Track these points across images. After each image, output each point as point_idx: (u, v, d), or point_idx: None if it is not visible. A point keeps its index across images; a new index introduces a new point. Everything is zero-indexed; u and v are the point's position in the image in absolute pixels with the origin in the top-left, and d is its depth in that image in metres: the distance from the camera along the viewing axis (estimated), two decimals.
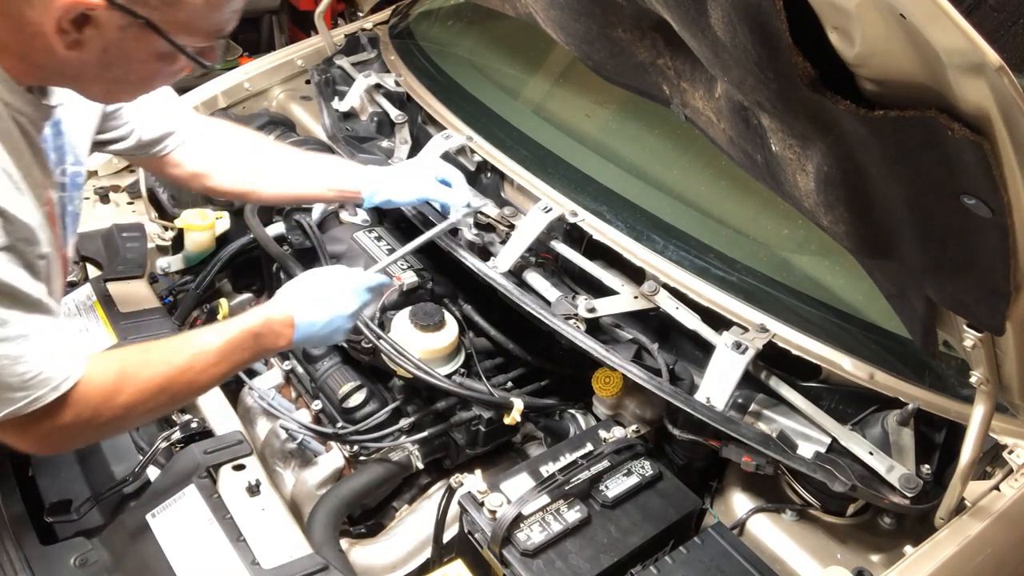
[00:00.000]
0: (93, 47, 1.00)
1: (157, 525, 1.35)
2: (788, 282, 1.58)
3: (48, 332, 1.08)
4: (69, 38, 0.98)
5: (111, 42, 1.00)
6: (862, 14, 0.79)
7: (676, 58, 1.36)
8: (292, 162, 1.65)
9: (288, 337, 1.36)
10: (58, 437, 1.13)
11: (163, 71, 1.10)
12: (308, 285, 1.41)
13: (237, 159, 1.61)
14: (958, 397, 1.35)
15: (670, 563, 1.26)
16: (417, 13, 2.53)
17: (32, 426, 1.08)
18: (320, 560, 1.31)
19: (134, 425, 1.23)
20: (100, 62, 1.03)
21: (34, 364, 1.05)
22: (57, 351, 1.09)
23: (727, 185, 1.80)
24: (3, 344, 1.02)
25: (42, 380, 1.06)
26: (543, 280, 1.63)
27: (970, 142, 0.80)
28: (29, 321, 1.05)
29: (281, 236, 1.95)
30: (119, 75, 1.07)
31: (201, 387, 1.27)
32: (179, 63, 1.09)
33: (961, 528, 1.25)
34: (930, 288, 1.09)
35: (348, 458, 1.67)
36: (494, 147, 1.93)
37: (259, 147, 1.65)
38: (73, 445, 1.18)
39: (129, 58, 1.04)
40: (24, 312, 1.04)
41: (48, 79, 1.08)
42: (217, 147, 1.60)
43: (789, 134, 1.11)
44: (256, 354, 1.34)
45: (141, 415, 1.21)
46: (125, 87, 1.12)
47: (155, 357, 1.21)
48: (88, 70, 1.04)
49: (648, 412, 1.60)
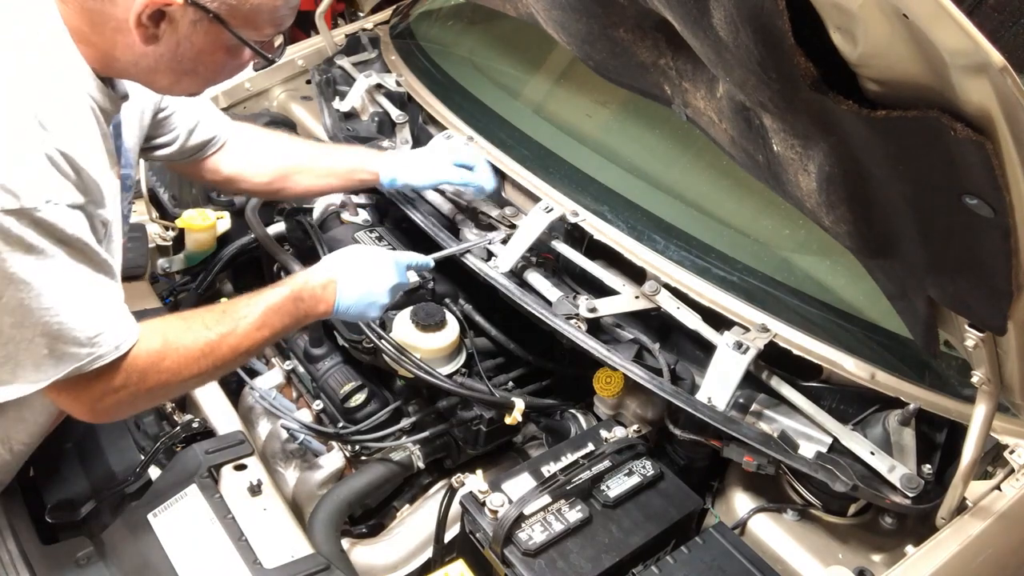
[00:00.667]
0: (168, 41, 1.10)
1: (158, 525, 1.35)
2: (789, 282, 1.58)
3: (113, 293, 1.13)
4: (147, 32, 1.07)
5: (184, 36, 1.10)
6: (865, 14, 0.79)
7: (678, 58, 1.36)
8: (316, 157, 1.72)
9: (328, 303, 1.38)
10: (111, 402, 1.15)
11: (228, 64, 1.19)
12: (350, 255, 1.45)
13: (268, 160, 1.68)
14: (959, 397, 1.35)
15: (671, 563, 1.27)
16: (418, 13, 2.53)
17: (88, 389, 1.12)
18: (321, 560, 1.32)
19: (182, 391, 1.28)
20: (173, 55, 1.12)
21: (100, 322, 1.08)
22: (120, 312, 1.13)
23: (728, 185, 1.80)
24: (74, 298, 1.05)
25: (106, 339, 1.09)
26: (544, 280, 1.63)
27: (972, 142, 0.80)
28: (97, 279, 1.09)
29: (282, 236, 1.95)
30: (188, 68, 1.15)
31: (244, 352, 1.28)
32: (243, 57, 1.19)
33: (962, 528, 1.25)
34: (932, 288, 1.09)
35: (349, 458, 1.67)
36: (495, 147, 1.93)
37: (285, 146, 1.72)
38: (124, 412, 1.21)
39: (199, 51, 1.13)
40: (94, 270, 1.08)
41: (123, 71, 1.16)
42: (249, 150, 1.67)
43: (791, 134, 1.11)
44: (296, 319, 1.35)
45: (187, 380, 1.23)
46: (194, 79, 1.20)
47: (196, 324, 1.24)
48: (162, 63, 1.13)
49: (649, 412, 1.61)
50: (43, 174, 1.00)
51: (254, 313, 1.28)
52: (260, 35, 1.15)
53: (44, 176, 1.00)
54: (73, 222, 1.03)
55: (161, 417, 1.68)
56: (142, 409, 1.31)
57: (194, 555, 1.31)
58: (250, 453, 1.50)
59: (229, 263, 2.00)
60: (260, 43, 1.17)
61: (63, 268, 1.03)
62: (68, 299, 1.04)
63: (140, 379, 1.15)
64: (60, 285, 1.03)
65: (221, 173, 1.65)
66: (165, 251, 2.00)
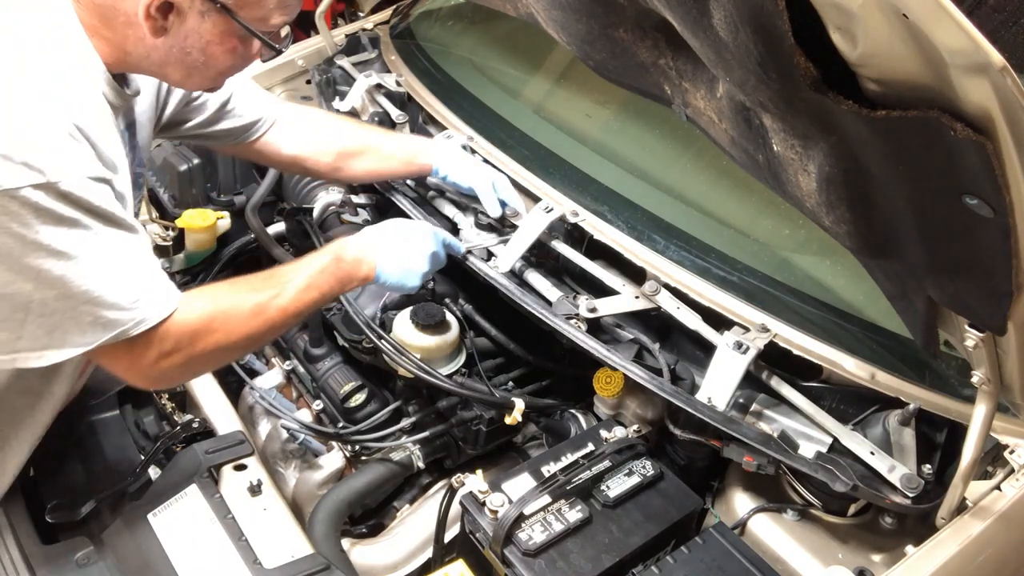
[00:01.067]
0: (176, 33, 1.12)
1: (159, 525, 1.35)
2: (789, 282, 1.58)
3: (148, 259, 1.16)
4: (156, 25, 1.10)
5: (192, 28, 1.13)
6: (865, 14, 0.79)
7: (678, 58, 1.36)
8: (378, 141, 1.76)
9: (370, 266, 1.41)
10: (167, 366, 1.17)
11: (237, 56, 1.20)
12: (389, 224, 1.50)
13: (331, 142, 1.72)
14: (959, 397, 1.35)
15: (671, 563, 1.27)
16: (418, 13, 2.53)
17: (142, 354, 1.15)
18: (321, 560, 1.32)
19: (235, 354, 1.31)
20: (182, 48, 1.15)
21: (139, 287, 1.11)
22: (158, 278, 1.16)
23: (728, 185, 1.80)
24: (111, 265, 1.08)
25: (147, 303, 1.12)
26: (544, 280, 1.63)
27: (972, 142, 0.80)
28: (131, 246, 1.12)
29: (282, 236, 1.95)
30: (198, 60, 1.17)
31: (293, 314, 1.31)
32: (251, 49, 1.21)
33: (962, 528, 1.25)
34: (932, 288, 1.09)
35: (349, 458, 1.67)
36: (495, 147, 1.93)
37: (348, 129, 1.76)
38: (180, 375, 1.25)
39: (207, 43, 1.15)
40: (126, 237, 1.11)
41: (136, 66, 1.19)
42: (310, 131, 1.71)
43: (791, 134, 1.11)
44: (341, 281, 1.38)
45: (238, 342, 1.25)
46: (204, 72, 1.21)
47: (243, 288, 1.28)
48: (171, 56, 1.15)
49: (649, 412, 1.60)
50: (65, 149, 1.02)
51: (301, 275, 1.32)
52: (267, 25, 1.17)
53: (66, 150, 1.02)
54: (99, 193, 1.06)
55: (161, 417, 1.68)
56: (199, 373, 1.35)
57: (194, 555, 1.31)
58: (250, 453, 1.50)
59: (229, 263, 2.00)
60: (267, 34, 1.19)
61: (97, 236, 1.06)
62: (106, 266, 1.07)
63: (191, 342, 1.18)
64: (96, 253, 1.06)
65: (282, 154, 1.69)
66: (165, 251, 2.00)
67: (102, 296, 1.07)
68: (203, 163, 2.06)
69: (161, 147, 2.09)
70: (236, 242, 2.03)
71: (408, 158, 1.77)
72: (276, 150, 1.69)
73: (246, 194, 2.08)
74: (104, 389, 1.60)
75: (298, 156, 1.70)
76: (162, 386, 1.19)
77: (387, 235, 1.46)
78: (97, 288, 1.06)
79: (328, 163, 1.73)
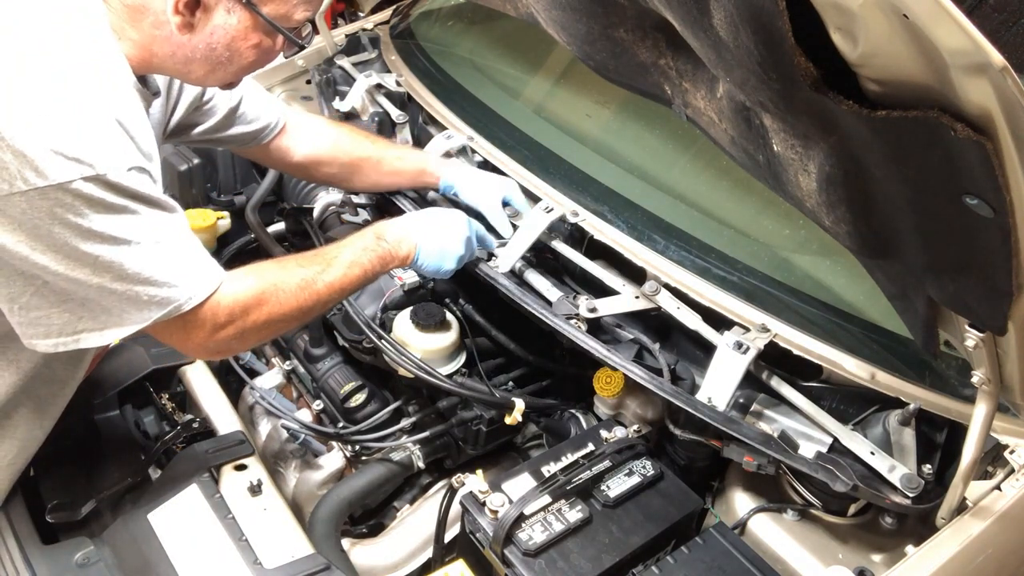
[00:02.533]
0: (202, 29, 1.16)
1: (159, 525, 1.35)
2: (789, 282, 1.58)
3: (193, 239, 1.20)
4: (184, 21, 1.14)
5: (218, 23, 1.16)
6: (865, 14, 0.79)
7: (678, 58, 1.36)
8: (385, 154, 1.78)
9: (411, 245, 1.46)
10: (222, 338, 1.23)
11: (260, 51, 1.23)
12: (426, 211, 1.57)
13: (338, 153, 1.74)
14: (959, 397, 1.35)
15: (672, 563, 1.27)
16: (418, 13, 2.53)
17: (197, 328, 1.20)
18: (322, 560, 1.32)
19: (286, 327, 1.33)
20: (207, 44, 1.18)
21: (188, 266, 1.17)
22: (204, 256, 1.21)
23: (728, 185, 1.80)
24: (162, 247, 1.13)
25: (196, 280, 1.17)
26: (544, 280, 1.63)
27: (972, 142, 0.80)
28: (177, 228, 1.17)
29: (282, 236, 1.95)
30: (223, 56, 1.20)
31: (339, 290, 1.36)
32: (275, 44, 1.24)
33: (963, 528, 1.25)
34: (932, 288, 1.09)
35: (349, 458, 1.67)
36: (495, 147, 1.93)
37: (356, 141, 1.78)
38: (235, 347, 1.29)
39: (232, 38, 1.18)
40: (172, 220, 1.16)
41: (160, 66, 1.22)
42: (320, 141, 1.73)
43: (791, 134, 1.11)
44: (383, 259, 1.42)
45: (288, 313, 1.29)
46: (227, 68, 1.24)
47: (290, 264, 1.33)
48: (197, 53, 1.19)
49: (649, 412, 1.60)
50: (111, 142, 1.07)
51: (345, 253, 1.38)
52: (291, 21, 1.21)
53: (112, 143, 1.07)
54: (141, 181, 1.10)
55: (161, 417, 1.68)
56: (254, 344, 1.40)
57: (194, 555, 1.31)
58: (250, 453, 1.50)
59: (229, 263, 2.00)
60: (291, 30, 1.22)
61: (144, 220, 1.11)
62: (156, 247, 1.12)
63: (243, 314, 1.23)
64: (146, 236, 1.11)
65: (290, 160, 1.72)
66: None
67: (154, 276, 1.12)
68: (203, 163, 2.06)
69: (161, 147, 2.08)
70: (236, 242, 2.03)
71: (415, 175, 1.79)
72: (283, 156, 1.72)
73: (246, 194, 2.08)
74: (104, 389, 1.60)
75: (306, 163, 1.73)
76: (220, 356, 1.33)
77: (427, 220, 1.51)
78: (149, 268, 1.11)
79: (334, 173, 1.76)
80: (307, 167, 1.75)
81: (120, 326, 1.13)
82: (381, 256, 1.42)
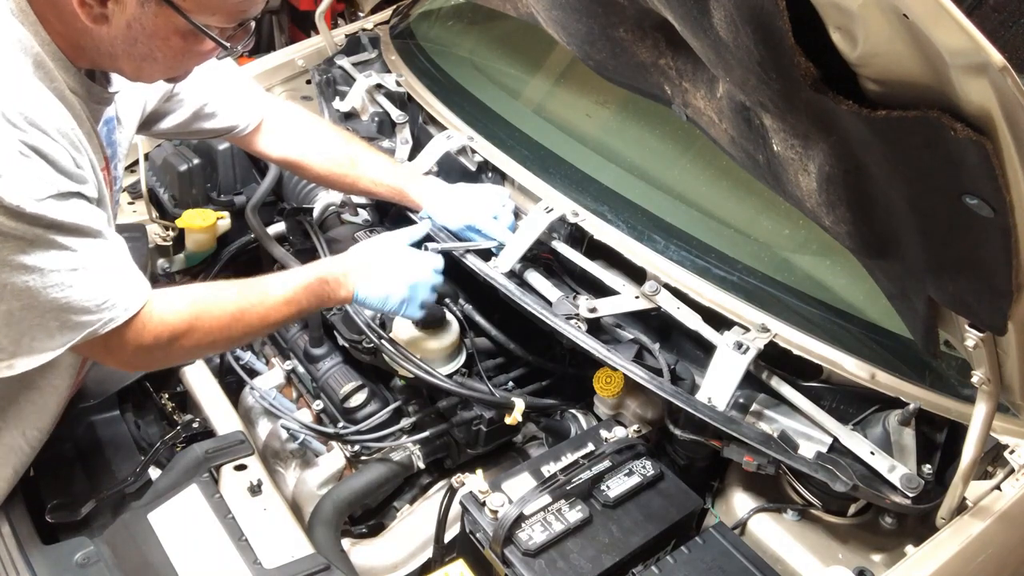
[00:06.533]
0: (118, 22, 1.07)
1: (159, 525, 1.35)
2: (789, 282, 1.58)
3: (112, 259, 1.16)
4: (93, 12, 1.04)
5: (133, 17, 1.06)
6: (865, 14, 0.79)
7: (678, 58, 1.36)
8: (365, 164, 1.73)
9: (349, 290, 1.44)
10: (145, 358, 1.24)
11: (189, 51, 1.14)
12: (372, 246, 1.52)
13: (319, 153, 1.71)
14: (959, 397, 1.35)
15: (671, 563, 1.27)
16: (418, 13, 2.53)
17: (116, 347, 1.18)
18: (322, 560, 1.32)
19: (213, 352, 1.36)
20: (126, 38, 1.09)
21: (106, 289, 1.13)
22: (123, 276, 1.17)
23: (728, 185, 1.80)
24: (76, 273, 1.09)
25: (115, 303, 1.14)
26: (544, 280, 1.63)
27: (972, 142, 0.80)
28: (96, 251, 1.12)
29: (282, 236, 1.95)
30: (145, 52, 1.12)
31: (271, 323, 1.35)
32: (206, 44, 1.14)
33: (962, 528, 1.25)
34: (932, 288, 1.09)
35: (349, 458, 1.67)
36: (495, 147, 1.93)
37: (338, 145, 1.74)
38: (159, 366, 1.30)
39: (152, 35, 1.09)
40: (91, 244, 1.11)
41: (92, 60, 1.14)
42: (301, 140, 1.71)
43: (791, 134, 1.11)
44: (321, 300, 1.41)
45: (216, 342, 1.30)
46: (153, 65, 1.16)
47: (228, 292, 1.31)
48: (116, 46, 1.10)
49: (649, 412, 1.60)
50: (18, 171, 1.01)
51: (284, 288, 1.35)
52: (221, 21, 1.11)
53: (19, 173, 1.01)
54: (59, 207, 1.05)
55: (161, 417, 1.68)
56: (179, 364, 1.41)
57: (194, 555, 1.31)
58: (250, 453, 1.50)
59: (229, 263, 2.00)
60: (225, 32, 1.12)
61: (60, 249, 1.07)
62: (70, 275, 1.08)
63: (170, 337, 1.22)
64: (60, 264, 1.07)
65: (270, 155, 1.71)
66: (165, 251, 2.00)
67: (69, 303, 1.09)
68: (203, 163, 2.05)
69: (161, 147, 2.08)
70: (236, 242, 2.03)
71: (395, 192, 1.74)
72: (263, 151, 1.71)
73: (246, 194, 2.08)
74: (104, 389, 1.60)
75: (286, 160, 1.72)
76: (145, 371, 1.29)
77: (372, 262, 1.47)
78: (63, 296, 1.08)
79: (316, 172, 1.73)
80: (289, 164, 1.74)
81: (29, 355, 1.10)
82: (319, 296, 1.41)
